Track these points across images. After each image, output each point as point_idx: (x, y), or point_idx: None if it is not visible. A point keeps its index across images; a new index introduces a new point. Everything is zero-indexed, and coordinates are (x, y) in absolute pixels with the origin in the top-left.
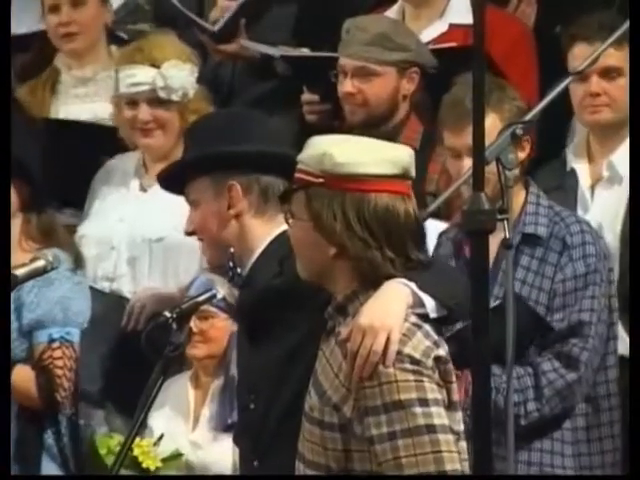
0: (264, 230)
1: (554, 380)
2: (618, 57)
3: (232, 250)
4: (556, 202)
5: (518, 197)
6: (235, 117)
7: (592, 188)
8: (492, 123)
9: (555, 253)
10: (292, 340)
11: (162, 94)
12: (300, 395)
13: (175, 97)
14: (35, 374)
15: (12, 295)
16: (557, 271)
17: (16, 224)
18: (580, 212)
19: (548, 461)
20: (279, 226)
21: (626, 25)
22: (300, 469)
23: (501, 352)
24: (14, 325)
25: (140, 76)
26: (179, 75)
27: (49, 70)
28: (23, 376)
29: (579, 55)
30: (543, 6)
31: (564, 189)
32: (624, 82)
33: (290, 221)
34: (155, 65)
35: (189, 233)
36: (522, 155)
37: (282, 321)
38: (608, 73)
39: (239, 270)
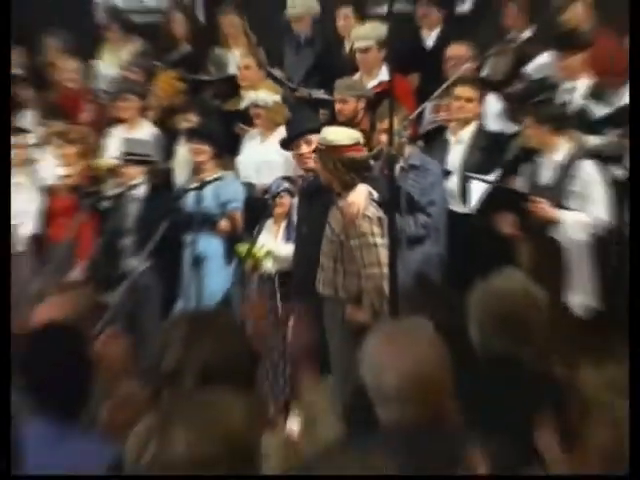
0: None
1: (424, 221)
2: (467, 90)
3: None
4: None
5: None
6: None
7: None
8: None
9: (422, 172)
10: (325, 206)
11: (259, 105)
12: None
13: (262, 106)
14: (230, 226)
15: (207, 190)
16: (422, 179)
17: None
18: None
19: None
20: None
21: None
22: (319, 272)
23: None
24: (211, 201)
25: (249, 97)
26: (264, 96)
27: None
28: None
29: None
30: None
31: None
32: (473, 105)
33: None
34: (255, 90)
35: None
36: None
37: (318, 200)
38: (460, 99)
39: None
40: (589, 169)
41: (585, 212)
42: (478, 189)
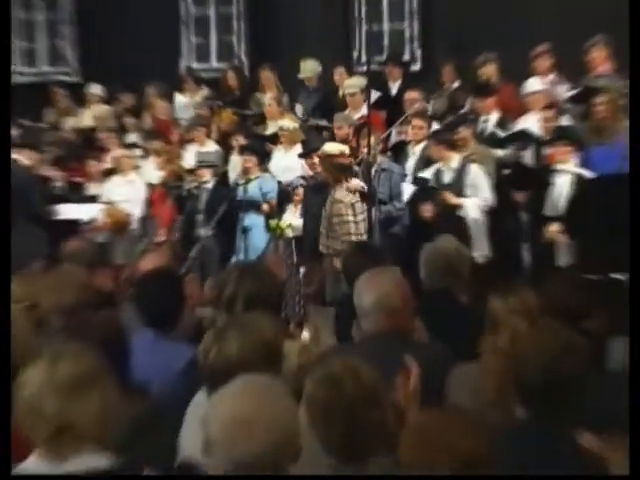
0: None
1: (400, 206)
2: (419, 121)
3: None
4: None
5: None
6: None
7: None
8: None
9: (389, 173)
10: (324, 196)
11: (283, 129)
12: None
13: (286, 130)
14: (269, 208)
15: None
16: (390, 179)
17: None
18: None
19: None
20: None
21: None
22: (320, 238)
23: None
24: (257, 192)
25: (276, 125)
26: (288, 124)
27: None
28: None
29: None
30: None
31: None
32: (423, 131)
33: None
34: (281, 120)
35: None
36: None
37: (320, 193)
38: (415, 127)
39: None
40: (475, 169)
41: (477, 197)
42: (409, 187)
